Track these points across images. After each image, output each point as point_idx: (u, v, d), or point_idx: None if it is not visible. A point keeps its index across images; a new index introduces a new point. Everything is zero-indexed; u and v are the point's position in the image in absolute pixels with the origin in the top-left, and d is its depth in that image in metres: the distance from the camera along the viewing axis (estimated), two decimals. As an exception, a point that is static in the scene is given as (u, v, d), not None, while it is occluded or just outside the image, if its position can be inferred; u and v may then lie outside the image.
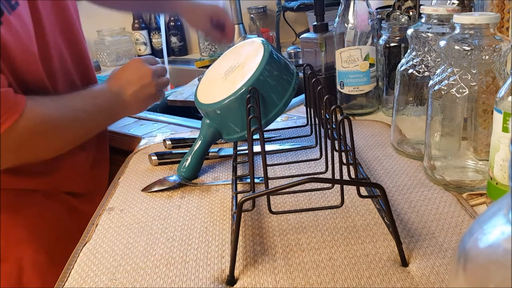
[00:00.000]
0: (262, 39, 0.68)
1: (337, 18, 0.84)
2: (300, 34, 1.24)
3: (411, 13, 0.80)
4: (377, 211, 0.54)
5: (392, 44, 0.82)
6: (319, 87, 0.59)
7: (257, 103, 0.60)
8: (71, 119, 0.72)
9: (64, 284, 0.50)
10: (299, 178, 0.42)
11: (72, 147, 0.75)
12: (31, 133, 0.65)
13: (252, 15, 1.51)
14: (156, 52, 1.75)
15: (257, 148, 0.68)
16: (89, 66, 0.89)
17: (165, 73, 0.86)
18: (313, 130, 0.71)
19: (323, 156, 0.63)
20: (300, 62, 1.26)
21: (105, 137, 0.94)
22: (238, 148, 0.72)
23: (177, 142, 0.81)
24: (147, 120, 1.03)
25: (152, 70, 0.81)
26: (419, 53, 0.65)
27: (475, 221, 0.23)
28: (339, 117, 0.48)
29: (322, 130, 0.62)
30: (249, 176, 0.61)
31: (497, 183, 0.50)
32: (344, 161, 0.50)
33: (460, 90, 0.55)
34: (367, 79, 0.85)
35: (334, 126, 0.53)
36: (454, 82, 0.55)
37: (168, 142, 0.81)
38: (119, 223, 0.59)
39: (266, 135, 0.78)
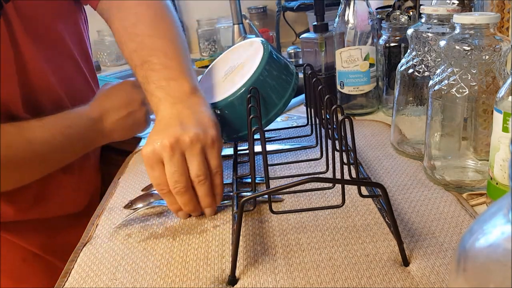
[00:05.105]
0: (261, 39, 0.68)
1: (337, 18, 0.84)
2: (300, 34, 1.25)
3: (411, 13, 0.80)
4: (378, 211, 0.54)
5: (392, 44, 0.82)
6: (319, 87, 0.59)
7: (257, 103, 0.60)
8: (32, 153, 0.65)
9: (64, 284, 0.50)
10: (300, 178, 0.42)
11: (42, 175, 0.70)
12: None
13: (246, 16, 1.50)
14: (155, 52, 1.74)
15: (257, 148, 0.68)
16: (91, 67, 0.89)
17: None
18: (314, 130, 0.71)
19: (324, 156, 0.63)
20: (300, 62, 1.26)
21: (89, 158, 0.84)
22: (238, 148, 0.72)
23: (177, 142, 0.80)
24: (147, 120, 1.02)
25: (142, 96, 0.70)
26: (419, 53, 0.65)
27: (475, 221, 0.23)
28: (340, 117, 0.48)
29: (323, 130, 0.62)
30: (249, 176, 0.61)
31: (497, 183, 0.50)
32: (345, 160, 0.50)
33: (460, 90, 0.55)
34: (367, 79, 0.85)
35: (334, 126, 0.53)
36: (454, 82, 0.55)
37: (168, 142, 0.80)
38: (119, 223, 0.59)
39: (266, 135, 0.78)
